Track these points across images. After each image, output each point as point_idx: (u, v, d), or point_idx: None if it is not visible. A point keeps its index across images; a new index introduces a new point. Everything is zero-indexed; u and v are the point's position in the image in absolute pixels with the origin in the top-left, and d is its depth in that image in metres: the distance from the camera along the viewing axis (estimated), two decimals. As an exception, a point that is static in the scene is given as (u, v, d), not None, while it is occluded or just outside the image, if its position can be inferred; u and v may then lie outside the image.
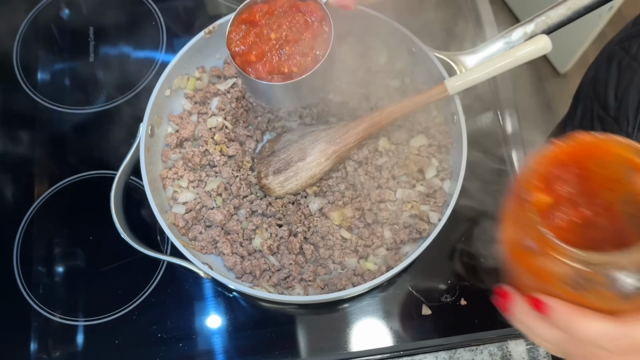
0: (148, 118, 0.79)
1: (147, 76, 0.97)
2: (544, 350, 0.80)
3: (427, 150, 0.83)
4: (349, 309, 0.82)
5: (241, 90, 0.88)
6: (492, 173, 0.89)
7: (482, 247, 0.84)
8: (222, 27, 0.85)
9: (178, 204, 0.81)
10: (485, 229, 0.85)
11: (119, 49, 1.00)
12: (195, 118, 0.87)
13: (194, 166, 0.84)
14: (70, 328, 0.82)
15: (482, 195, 0.86)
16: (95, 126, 0.94)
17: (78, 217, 0.88)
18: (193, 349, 0.80)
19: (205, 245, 0.79)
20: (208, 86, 0.88)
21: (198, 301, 0.83)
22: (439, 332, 0.80)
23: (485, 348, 0.80)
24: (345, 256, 0.79)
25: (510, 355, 0.80)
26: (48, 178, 0.90)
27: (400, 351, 0.79)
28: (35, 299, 0.83)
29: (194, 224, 0.81)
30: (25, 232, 0.87)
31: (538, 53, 0.71)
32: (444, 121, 0.84)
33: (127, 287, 0.84)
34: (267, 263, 0.79)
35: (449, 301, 0.81)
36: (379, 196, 0.81)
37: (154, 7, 1.02)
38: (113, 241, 0.79)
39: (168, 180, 0.83)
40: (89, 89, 0.97)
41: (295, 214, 0.81)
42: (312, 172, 0.81)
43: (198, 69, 0.88)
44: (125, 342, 0.81)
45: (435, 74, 0.81)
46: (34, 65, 0.98)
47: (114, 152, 0.89)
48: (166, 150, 0.84)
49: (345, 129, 0.80)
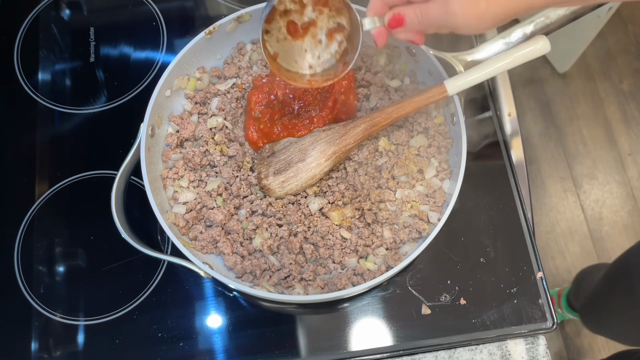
0: (149, 118, 0.80)
1: (147, 76, 0.97)
2: (543, 350, 0.80)
3: (427, 150, 0.83)
4: (349, 309, 0.82)
5: (241, 90, 0.88)
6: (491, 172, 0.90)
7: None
8: (222, 27, 0.85)
9: (178, 203, 0.81)
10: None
11: (120, 50, 1.00)
12: (196, 118, 0.87)
13: (194, 166, 0.84)
14: (70, 327, 0.82)
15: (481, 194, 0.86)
16: (95, 126, 0.94)
17: (79, 217, 0.88)
18: (193, 348, 0.80)
19: (205, 245, 0.79)
20: (208, 86, 0.89)
21: (198, 301, 0.83)
22: (439, 332, 0.80)
23: (484, 347, 0.81)
24: (345, 256, 0.79)
25: (509, 355, 0.80)
26: (49, 178, 0.90)
27: (399, 350, 0.80)
28: (36, 298, 0.83)
29: (194, 224, 0.81)
30: (26, 232, 0.87)
31: (537, 53, 0.71)
32: (443, 121, 0.85)
33: (128, 287, 0.84)
34: (267, 263, 0.79)
35: (448, 301, 0.81)
36: (379, 196, 0.81)
37: (154, 8, 1.03)
38: (114, 241, 0.79)
39: (169, 180, 0.83)
40: (89, 89, 0.97)
41: (296, 213, 0.81)
42: (312, 172, 0.81)
43: (198, 70, 0.88)
44: (125, 342, 0.81)
45: (435, 74, 0.82)
46: (35, 66, 0.99)
47: (114, 152, 0.90)
48: (167, 150, 0.85)
49: (344, 130, 0.80)
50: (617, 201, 1.97)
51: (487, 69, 0.73)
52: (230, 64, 0.90)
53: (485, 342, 0.80)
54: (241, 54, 0.90)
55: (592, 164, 2.02)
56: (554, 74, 2.13)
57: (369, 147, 0.84)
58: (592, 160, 2.03)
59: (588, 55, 2.14)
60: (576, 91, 2.11)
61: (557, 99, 2.10)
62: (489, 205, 0.87)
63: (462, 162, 0.76)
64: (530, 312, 0.80)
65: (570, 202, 1.97)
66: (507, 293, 0.81)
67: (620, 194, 1.98)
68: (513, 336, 0.80)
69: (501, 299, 0.81)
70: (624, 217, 1.95)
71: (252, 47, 0.90)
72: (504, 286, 0.82)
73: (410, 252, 0.77)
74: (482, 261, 0.83)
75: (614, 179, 2.00)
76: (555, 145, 2.04)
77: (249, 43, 0.91)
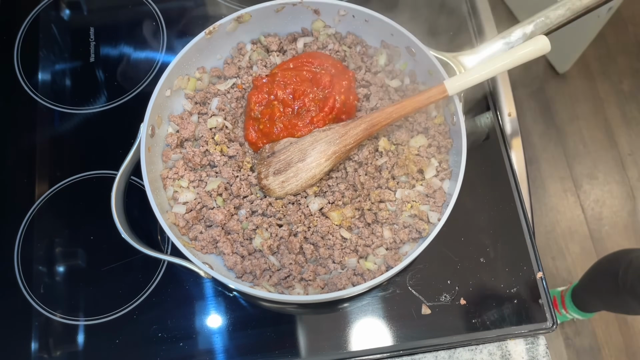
0: (149, 118, 0.80)
1: (147, 76, 0.97)
2: (543, 350, 0.80)
3: (427, 150, 0.83)
4: (349, 309, 0.82)
5: (241, 90, 0.89)
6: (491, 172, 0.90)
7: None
8: (222, 27, 0.85)
9: (179, 203, 0.81)
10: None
11: (120, 50, 1.00)
12: (196, 118, 0.87)
13: (194, 166, 0.84)
14: (70, 327, 0.82)
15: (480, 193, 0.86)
16: (95, 126, 0.94)
17: (79, 217, 0.88)
18: (193, 348, 0.80)
19: (205, 245, 0.79)
20: (208, 86, 0.89)
21: (198, 301, 0.83)
22: (439, 332, 0.80)
23: (484, 347, 0.81)
24: (345, 256, 0.79)
25: (509, 355, 0.80)
26: (49, 178, 0.90)
27: (399, 350, 0.80)
28: (36, 298, 0.83)
29: (194, 224, 0.81)
30: (26, 232, 0.87)
31: (537, 53, 0.71)
32: (443, 121, 0.85)
33: (128, 287, 0.84)
34: (267, 263, 0.79)
35: (448, 301, 0.81)
36: (379, 196, 0.81)
37: (154, 8, 1.03)
38: (114, 241, 0.79)
39: (169, 180, 0.83)
40: (89, 89, 0.97)
41: (296, 213, 0.81)
42: (312, 172, 0.81)
43: (198, 69, 0.88)
44: (125, 342, 0.81)
45: (435, 74, 0.82)
46: (35, 66, 0.99)
47: (114, 152, 0.90)
48: (167, 150, 0.85)
49: (344, 130, 0.80)
50: (617, 201, 1.97)
51: (487, 69, 0.74)
52: (230, 64, 0.90)
53: (485, 342, 0.80)
54: (241, 53, 0.90)
55: (592, 164, 2.02)
56: (554, 74, 2.13)
57: (369, 147, 0.84)
58: (592, 160, 2.03)
59: (588, 55, 2.14)
60: (576, 91, 2.11)
61: (557, 99, 2.10)
62: (489, 205, 0.87)
63: (462, 162, 0.76)
64: (530, 312, 0.80)
65: (570, 202, 1.97)
66: (507, 293, 0.81)
67: (620, 194, 1.98)
68: (513, 336, 0.80)
69: (501, 299, 0.81)
70: (624, 217, 1.95)
71: (252, 47, 0.90)
72: (504, 286, 0.82)
73: (410, 252, 0.78)
74: (482, 261, 0.83)
75: (614, 179, 2.00)
76: (555, 145, 2.04)
77: (249, 43, 0.91)
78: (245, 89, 0.89)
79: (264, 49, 0.91)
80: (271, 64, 0.89)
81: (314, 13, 0.88)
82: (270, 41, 0.90)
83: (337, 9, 0.86)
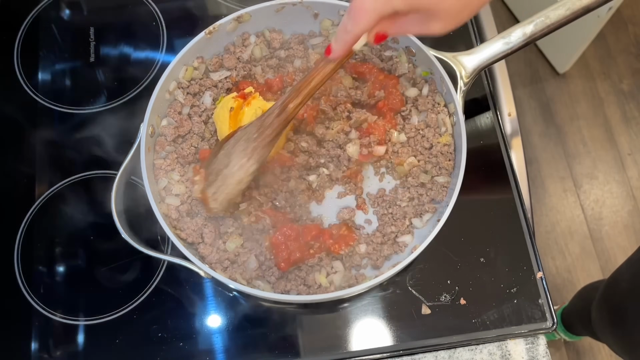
0: (148, 118, 0.79)
1: (147, 76, 0.97)
2: (543, 350, 0.80)
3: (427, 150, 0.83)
4: (348, 309, 0.82)
5: (233, 82, 0.87)
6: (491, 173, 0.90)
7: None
8: (222, 27, 0.85)
9: (171, 195, 0.80)
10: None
11: (120, 50, 1.00)
12: (187, 110, 0.85)
13: (184, 163, 0.83)
14: (70, 328, 0.82)
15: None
16: (95, 126, 0.94)
17: (79, 217, 0.88)
18: (193, 348, 0.80)
19: (190, 233, 0.78)
20: (203, 79, 0.87)
21: (198, 301, 0.83)
22: (439, 332, 0.80)
23: (484, 347, 0.81)
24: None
25: (509, 355, 0.80)
26: (49, 178, 0.90)
27: (399, 350, 0.80)
28: (36, 298, 0.83)
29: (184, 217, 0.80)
30: (26, 232, 0.87)
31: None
32: (451, 141, 0.82)
33: (128, 287, 0.84)
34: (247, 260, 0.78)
35: (448, 301, 0.81)
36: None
37: (154, 8, 1.03)
38: (114, 241, 0.79)
39: (161, 171, 0.81)
40: (89, 89, 0.97)
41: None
42: (237, 177, 0.74)
43: (197, 59, 0.86)
44: (125, 342, 0.81)
45: (435, 74, 0.82)
46: (35, 66, 0.99)
47: (114, 152, 0.90)
48: (161, 139, 0.83)
49: (259, 122, 0.73)
50: (617, 201, 1.97)
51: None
52: (232, 53, 0.88)
53: (485, 342, 0.80)
54: (244, 44, 0.89)
55: (592, 164, 2.02)
56: (554, 74, 2.13)
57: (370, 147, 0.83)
58: (592, 160, 2.03)
59: (588, 55, 2.14)
60: (576, 91, 2.11)
61: (557, 99, 2.10)
62: (489, 205, 0.87)
63: (462, 162, 0.76)
64: (530, 312, 0.80)
65: (570, 202, 1.97)
66: (507, 293, 0.81)
67: (620, 194, 1.98)
68: (513, 336, 0.80)
69: (501, 299, 0.81)
70: (624, 217, 1.95)
71: (256, 40, 0.88)
72: (504, 286, 0.82)
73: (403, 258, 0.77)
74: (482, 261, 0.83)
75: (614, 179, 2.00)
76: (555, 145, 2.04)
77: (254, 35, 0.89)
78: (237, 80, 0.88)
79: (266, 45, 0.89)
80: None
81: (313, 16, 0.87)
82: (274, 37, 0.88)
83: (337, 9, 0.86)
